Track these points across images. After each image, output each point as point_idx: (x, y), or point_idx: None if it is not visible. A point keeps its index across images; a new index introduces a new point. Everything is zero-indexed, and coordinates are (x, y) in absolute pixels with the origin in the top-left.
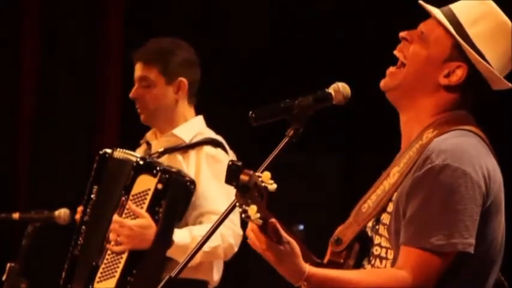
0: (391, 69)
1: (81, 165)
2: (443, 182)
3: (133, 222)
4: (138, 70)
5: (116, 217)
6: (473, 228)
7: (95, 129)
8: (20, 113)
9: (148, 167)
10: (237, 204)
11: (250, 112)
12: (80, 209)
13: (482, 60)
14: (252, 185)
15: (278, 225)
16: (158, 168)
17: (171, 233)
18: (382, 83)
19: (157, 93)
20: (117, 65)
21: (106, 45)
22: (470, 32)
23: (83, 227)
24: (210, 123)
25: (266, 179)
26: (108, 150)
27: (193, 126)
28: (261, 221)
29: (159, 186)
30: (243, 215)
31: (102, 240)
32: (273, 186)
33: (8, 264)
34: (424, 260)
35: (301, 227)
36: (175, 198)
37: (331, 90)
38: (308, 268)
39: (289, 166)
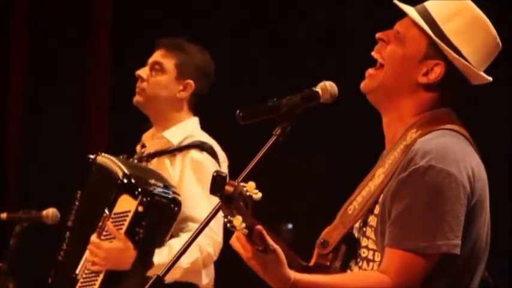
0: (370, 70)
1: (70, 166)
2: (428, 184)
3: (110, 246)
4: (157, 56)
5: (93, 238)
6: (459, 229)
7: (85, 129)
8: (8, 113)
9: (130, 187)
10: (223, 214)
11: (238, 111)
12: None
13: (458, 57)
14: (237, 196)
15: (264, 232)
16: (140, 189)
17: (151, 255)
18: (362, 85)
19: (163, 81)
20: (107, 65)
21: (95, 44)
22: (445, 28)
23: (67, 232)
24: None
25: (251, 189)
26: (92, 156)
27: (184, 129)
28: (247, 231)
29: (140, 208)
30: (228, 225)
31: (84, 248)
32: (258, 196)
33: None
34: (407, 262)
35: (290, 225)
36: (157, 221)
37: (318, 88)
38: (293, 275)
39: (279, 165)
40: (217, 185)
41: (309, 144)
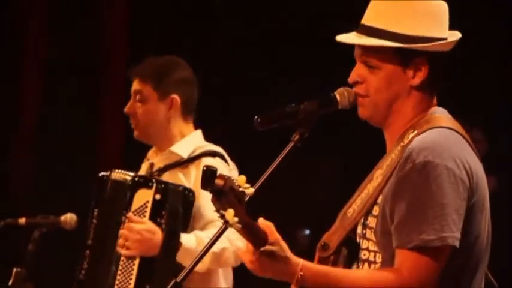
0: (360, 99)
1: (86, 170)
2: (427, 179)
3: (141, 227)
4: (134, 86)
5: (127, 224)
6: (460, 223)
7: (99, 134)
8: (22, 118)
9: (143, 181)
10: (215, 209)
11: (256, 117)
12: None
13: (428, 44)
14: (227, 189)
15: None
16: (153, 180)
17: (177, 237)
18: (359, 114)
19: (149, 108)
20: (121, 74)
21: (109, 54)
22: (398, 29)
23: (87, 251)
24: (210, 135)
25: (242, 183)
26: (106, 173)
27: (190, 142)
28: (239, 226)
29: (157, 196)
30: (221, 221)
31: (108, 263)
32: (250, 190)
33: (14, 269)
34: (418, 260)
35: (308, 231)
36: (175, 207)
37: (336, 94)
38: (302, 260)
39: (295, 169)
40: (207, 179)
41: (324, 149)
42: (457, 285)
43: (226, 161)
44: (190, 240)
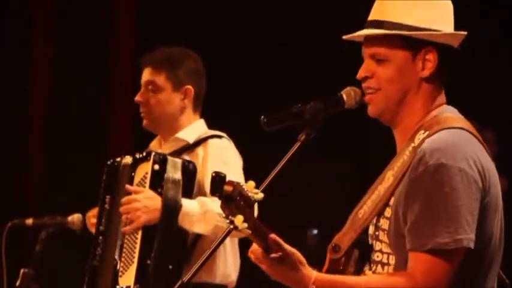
0: (369, 96)
1: (93, 170)
2: (440, 181)
3: (141, 195)
4: (146, 75)
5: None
6: (474, 224)
7: (107, 133)
8: (31, 118)
9: (143, 156)
10: (224, 215)
11: (262, 117)
12: (90, 213)
13: (436, 32)
14: (236, 195)
15: (279, 239)
16: (152, 153)
17: (178, 202)
18: (370, 112)
19: (163, 98)
20: (130, 70)
21: (119, 52)
22: (404, 20)
23: (100, 237)
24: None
25: (251, 189)
26: (117, 159)
27: (195, 129)
28: (249, 231)
29: (156, 167)
30: (231, 226)
31: (115, 244)
32: (259, 196)
33: (22, 270)
34: (432, 262)
35: (316, 231)
36: (175, 176)
37: (343, 94)
38: (315, 273)
39: (304, 171)
40: (216, 185)
41: (335, 151)
42: (470, 285)
43: (232, 143)
44: (191, 204)
